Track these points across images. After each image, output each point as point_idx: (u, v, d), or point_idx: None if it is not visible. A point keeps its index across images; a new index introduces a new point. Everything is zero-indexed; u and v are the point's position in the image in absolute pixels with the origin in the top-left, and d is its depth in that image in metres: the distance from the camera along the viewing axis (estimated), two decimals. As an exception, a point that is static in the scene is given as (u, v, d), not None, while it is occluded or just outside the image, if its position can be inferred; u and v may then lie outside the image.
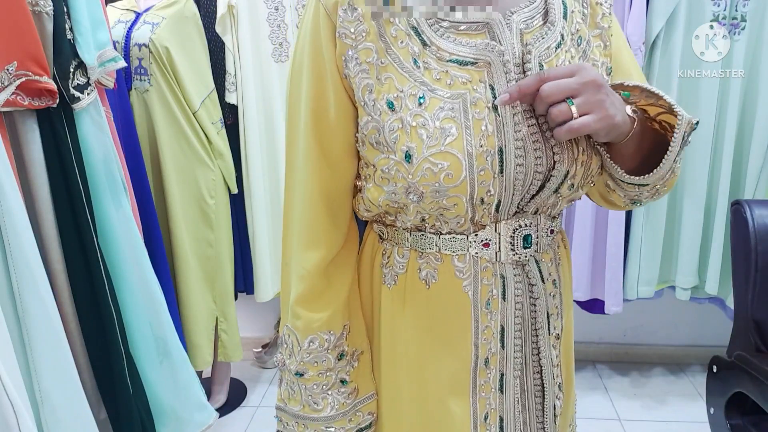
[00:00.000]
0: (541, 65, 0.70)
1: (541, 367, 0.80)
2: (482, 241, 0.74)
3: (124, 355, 1.34)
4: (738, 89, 2.00)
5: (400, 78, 0.69)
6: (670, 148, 0.69)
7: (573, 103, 0.64)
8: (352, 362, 0.81)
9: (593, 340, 2.62)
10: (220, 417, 2.06)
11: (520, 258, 0.76)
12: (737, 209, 1.56)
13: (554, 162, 0.71)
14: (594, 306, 2.25)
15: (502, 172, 0.68)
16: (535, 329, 0.79)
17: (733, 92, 2.00)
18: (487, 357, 0.77)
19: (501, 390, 0.78)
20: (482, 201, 0.70)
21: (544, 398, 0.80)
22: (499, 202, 0.71)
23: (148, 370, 1.43)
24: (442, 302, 0.77)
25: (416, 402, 0.79)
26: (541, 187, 0.72)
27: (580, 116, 0.64)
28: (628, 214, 2.15)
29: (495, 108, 0.68)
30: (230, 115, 2.17)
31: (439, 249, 0.75)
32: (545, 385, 0.80)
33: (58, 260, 1.23)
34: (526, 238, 0.75)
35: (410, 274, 0.77)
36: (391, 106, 0.69)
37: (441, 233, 0.75)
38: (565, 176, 0.71)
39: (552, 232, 0.79)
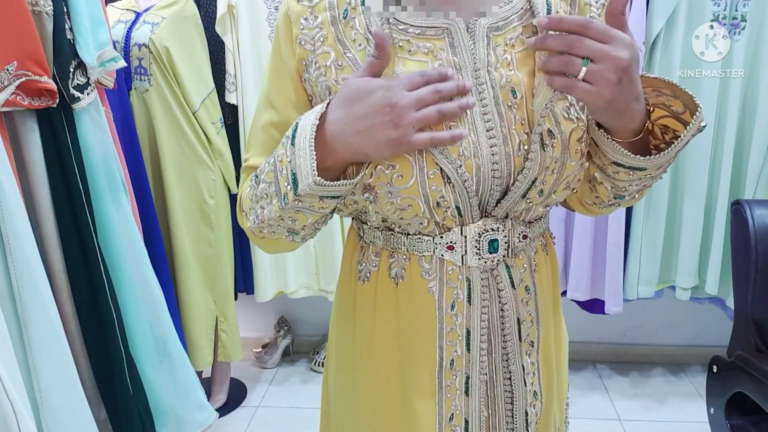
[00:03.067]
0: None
1: (510, 373, 0.79)
2: (447, 243, 0.74)
3: (124, 355, 1.34)
4: (738, 89, 2.00)
5: None
6: (679, 138, 0.67)
7: (587, 65, 0.61)
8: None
9: (593, 340, 2.62)
10: (220, 417, 2.06)
11: (486, 262, 0.74)
12: (737, 209, 1.56)
13: (519, 168, 0.69)
14: (594, 306, 2.25)
15: (450, 178, 0.68)
16: (504, 335, 0.78)
17: (733, 92, 2.00)
18: (453, 359, 0.77)
19: (466, 393, 0.78)
20: (438, 204, 0.70)
21: (513, 405, 0.79)
22: (458, 206, 0.71)
23: (148, 370, 1.43)
24: (408, 302, 0.77)
25: (385, 399, 0.81)
26: (506, 192, 0.71)
27: (584, 80, 0.62)
28: (629, 214, 2.15)
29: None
30: (230, 115, 2.17)
31: (408, 249, 0.76)
32: (514, 392, 0.79)
33: (58, 260, 1.23)
34: (492, 243, 0.74)
35: (381, 272, 0.79)
36: None
37: (409, 233, 0.75)
38: (533, 183, 0.70)
39: (525, 237, 0.76)
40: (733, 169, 2.06)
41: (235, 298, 2.29)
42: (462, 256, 0.74)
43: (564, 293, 2.24)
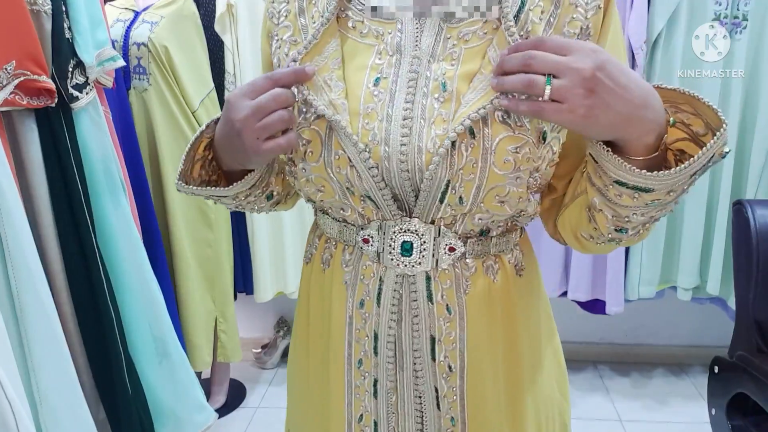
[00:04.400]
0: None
1: (419, 393, 0.74)
2: (364, 236, 0.71)
3: (123, 355, 1.33)
4: (739, 89, 2.00)
5: (304, 56, 0.69)
6: (701, 151, 0.57)
7: (550, 83, 0.56)
8: None
9: (594, 340, 2.61)
10: (219, 418, 2.05)
11: (400, 266, 0.70)
12: (739, 209, 1.56)
13: (428, 165, 0.64)
14: (595, 306, 2.25)
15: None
16: (413, 350, 0.73)
17: (734, 92, 2.00)
18: (361, 358, 0.75)
19: (375, 396, 0.75)
20: (350, 191, 0.68)
21: (423, 425, 0.75)
22: (369, 196, 0.67)
23: (147, 370, 1.42)
24: (330, 290, 0.76)
25: (313, 390, 0.82)
26: (419, 190, 0.66)
27: (552, 101, 0.57)
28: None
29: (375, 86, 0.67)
30: (230, 115, 2.16)
31: (336, 235, 0.75)
32: (424, 412, 0.75)
33: (57, 260, 1.23)
34: (404, 245, 0.69)
35: (317, 255, 0.79)
36: None
37: (338, 220, 0.74)
38: (447, 186, 0.64)
39: (452, 250, 0.70)
40: (735, 168, 2.06)
41: (235, 299, 2.28)
42: (378, 254, 0.71)
43: (565, 293, 2.24)
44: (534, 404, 0.78)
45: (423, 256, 0.69)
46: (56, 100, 1.18)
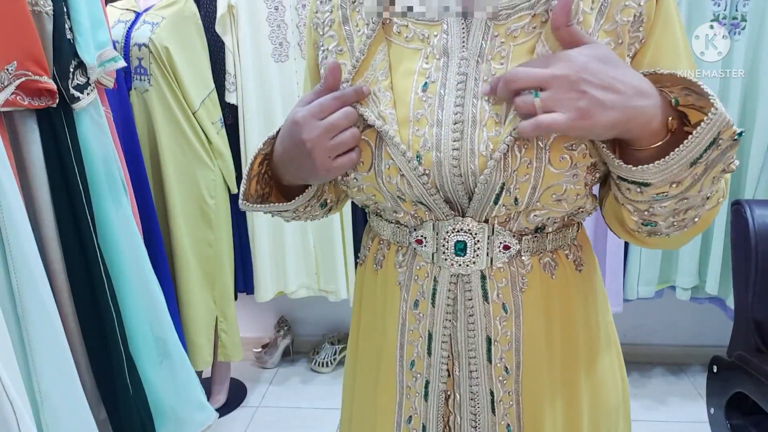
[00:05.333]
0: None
1: (474, 394, 0.73)
2: (417, 237, 0.71)
3: (124, 355, 1.34)
4: (738, 89, 2.00)
5: (349, 65, 0.70)
6: (688, 139, 0.55)
7: (538, 96, 0.56)
8: None
9: (593, 340, 2.61)
10: (219, 417, 2.06)
11: (454, 265, 0.69)
12: (737, 209, 1.56)
13: (482, 168, 0.63)
14: (594, 306, 2.25)
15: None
16: (468, 350, 0.71)
17: (734, 92, 2.00)
18: (413, 359, 0.75)
19: (425, 398, 0.75)
20: (401, 198, 0.68)
21: (477, 430, 0.74)
22: (421, 201, 0.67)
23: (147, 370, 1.43)
24: (381, 290, 0.76)
25: (357, 387, 0.82)
26: (472, 193, 0.65)
27: (546, 112, 0.56)
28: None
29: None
30: (230, 115, 2.17)
31: (390, 237, 0.75)
32: (478, 416, 0.73)
33: (58, 260, 1.23)
34: (458, 245, 0.68)
35: (371, 256, 0.79)
36: None
37: (391, 222, 0.74)
38: (502, 187, 0.63)
39: (507, 248, 0.69)
40: (734, 168, 2.06)
41: (235, 298, 2.29)
42: (432, 254, 0.70)
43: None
44: (593, 415, 0.76)
45: (477, 255, 0.69)
46: (57, 100, 1.18)
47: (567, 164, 0.63)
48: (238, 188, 2.13)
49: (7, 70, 1.09)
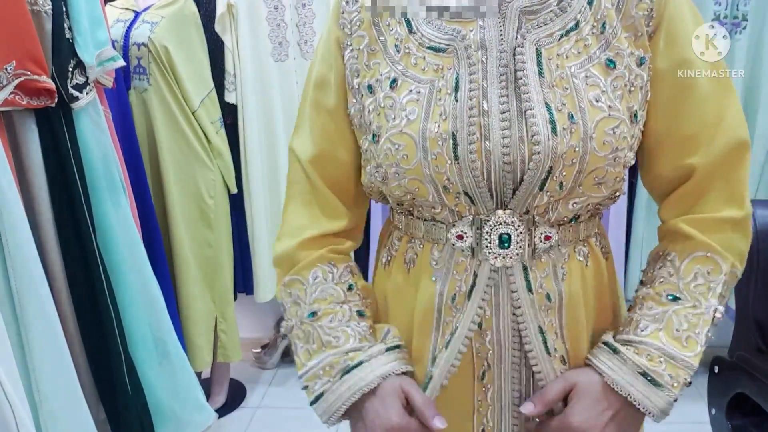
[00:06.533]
0: (538, 52, 0.67)
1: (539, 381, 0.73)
2: (458, 232, 0.71)
3: (123, 355, 1.34)
4: (739, 89, 2.00)
5: (384, 63, 0.72)
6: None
7: None
8: (366, 299, 0.80)
9: (593, 340, 2.61)
10: (219, 418, 2.05)
11: (498, 258, 0.70)
12: (738, 209, 1.55)
13: (531, 155, 0.65)
14: (594, 306, 2.25)
15: (456, 158, 0.66)
16: (522, 344, 0.72)
17: (734, 92, 2.00)
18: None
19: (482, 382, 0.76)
20: (446, 188, 0.68)
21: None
22: (466, 192, 0.68)
23: (147, 370, 1.42)
24: (414, 289, 0.76)
25: None
26: (520, 182, 0.67)
27: None
28: (630, 212, 2.15)
29: (455, 93, 0.67)
30: (229, 115, 2.16)
31: (423, 235, 0.75)
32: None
33: (57, 261, 1.23)
34: (502, 238, 0.69)
35: (399, 256, 0.79)
36: (370, 89, 0.73)
37: (425, 219, 0.74)
38: (549, 173, 0.65)
39: (548, 239, 0.71)
40: (734, 168, 2.06)
41: (235, 299, 2.28)
42: (473, 249, 0.71)
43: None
44: None
45: (521, 247, 0.70)
46: (56, 100, 1.18)
47: (610, 147, 0.66)
48: (238, 188, 2.15)
49: (6, 69, 1.09)
